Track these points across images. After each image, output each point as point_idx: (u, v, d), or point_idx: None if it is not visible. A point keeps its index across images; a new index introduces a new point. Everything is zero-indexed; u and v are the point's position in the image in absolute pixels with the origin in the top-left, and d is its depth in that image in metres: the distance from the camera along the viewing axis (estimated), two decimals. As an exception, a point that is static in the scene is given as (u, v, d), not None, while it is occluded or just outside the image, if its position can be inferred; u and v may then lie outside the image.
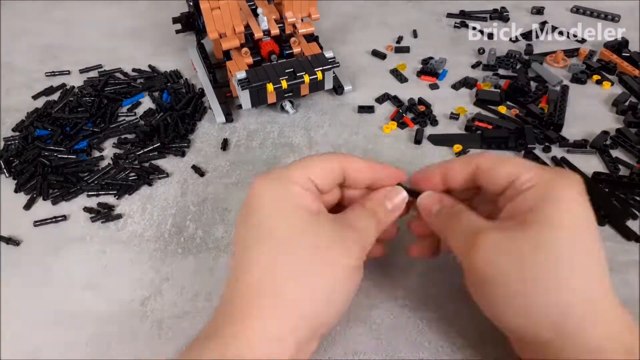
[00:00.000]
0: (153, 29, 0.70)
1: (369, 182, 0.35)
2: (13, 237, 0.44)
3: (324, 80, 0.54)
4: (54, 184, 0.48)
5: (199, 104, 0.57)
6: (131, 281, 0.41)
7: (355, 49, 0.65)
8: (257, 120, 0.55)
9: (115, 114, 0.56)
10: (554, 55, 0.61)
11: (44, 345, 0.37)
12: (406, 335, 0.36)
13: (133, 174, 0.49)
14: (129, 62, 0.64)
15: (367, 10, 0.73)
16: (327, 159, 0.34)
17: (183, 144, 0.52)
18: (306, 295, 0.29)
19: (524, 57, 0.61)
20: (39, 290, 0.40)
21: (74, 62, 0.64)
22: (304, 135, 0.53)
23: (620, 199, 0.45)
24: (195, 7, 0.58)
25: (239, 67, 0.52)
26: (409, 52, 0.64)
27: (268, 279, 0.29)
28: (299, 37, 0.56)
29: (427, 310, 0.38)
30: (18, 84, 0.62)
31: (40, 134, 0.53)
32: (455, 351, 0.35)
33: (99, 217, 0.45)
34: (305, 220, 0.31)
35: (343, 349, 0.36)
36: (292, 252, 0.30)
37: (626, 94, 0.55)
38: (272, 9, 0.57)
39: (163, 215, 0.46)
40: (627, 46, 0.62)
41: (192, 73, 0.61)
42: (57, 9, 0.75)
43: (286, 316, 0.29)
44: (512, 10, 0.70)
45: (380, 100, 0.57)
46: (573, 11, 0.70)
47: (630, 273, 0.40)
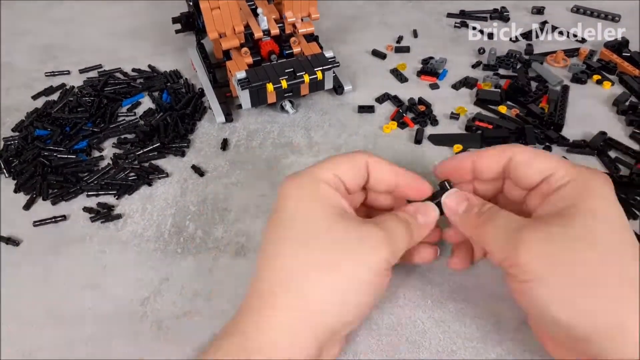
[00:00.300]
0: (153, 29, 0.70)
1: (391, 186, 0.35)
2: (13, 237, 0.44)
3: (324, 80, 0.54)
4: (54, 184, 0.48)
5: (198, 104, 0.57)
6: (131, 281, 0.41)
7: (355, 49, 0.65)
8: (257, 120, 0.55)
9: (115, 114, 0.56)
10: (554, 55, 0.61)
11: (44, 345, 0.37)
12: (406, 335, 0.36)
13: (133, 174, 0.49)
14: (128, 62, 0.64)
15: (367, 10, 0.73)
16: (354, 157, 0.33)
17: (183, 144, 0.52)
18: (327, 290, 0.29)
19: (525, 57, 0.61)
20: (39, 290, 0.40)
21: (74, 62, 0.64)
22: (304, 135, 0.53)
23: (621, 199, 0.45)
24: (195, 7, 0.58)
25: (238, 67, 0.52)
26: (409, 52, 0.64)
27: (288, 273, 0.29)
28: (299, 37, 0.56)
29: (427, 310, 0.38)
30: (18, 84, 0.62)
31: (40, 134, 0.53)
32: (455, 351, 0.35)
33: (98, 217, 0.45)
34: (332, 218, 0.30)
35: (343, 348, 0.36)
36: (316, 247, 0.29)
37: (627, 93, 0.55)
38: (272, 9, 0.57)
39: (163, 215, 0.46)
40: (628, 46, 0.62)
41: (192, 73, 0.61)
42: (57, 8, 0.75)
43: (305, 310, 0.28)
44: (512, 10, 0.70)
45: (380, 100, 0.57)
46: (573, 11, 0.70)
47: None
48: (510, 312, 0.37)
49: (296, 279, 0.29)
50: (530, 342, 0.35)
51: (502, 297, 0.38)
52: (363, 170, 0.33)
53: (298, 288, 0.29)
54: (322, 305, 0.29)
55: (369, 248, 0.30)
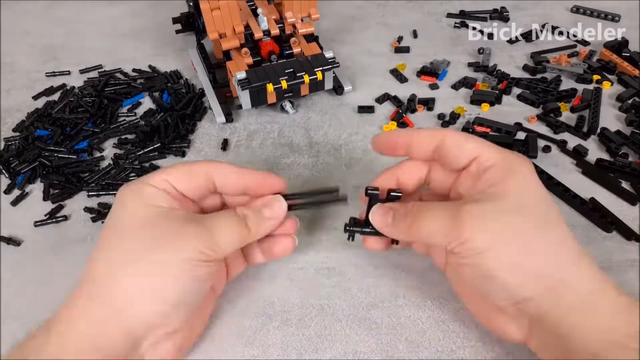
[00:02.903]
0: (153, 29, 0.70)
1: (240, 189, 0.36)
2: (13, 237, 0.44)
3: (324, 80, 0.54)
4: (55, 184, 0.48)
5: (199, 104, 0.57)
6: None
7: (355, 49, 0.65)
8: (257, 121, 0.55)
9: (115, 114, 0.56)
10: (557, 57, 0.61)
11: (45, 345, 0.37)
12: (406, 335, 0.36)
13: (133, 174, 0.49)
14: (129, 62, 0.64)
15: (367, 10, 0.73)
16: (189, 164, 0.35)
17: (183, 144, 0.52)
18: (135, 280, 0.30)
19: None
20: (40, 290, 0.40)
21: (74, 62, 0.64)
22: (304, 135, 0.53)
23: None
24: (195, 8, 0.58)
25: (239, 67, 0.52)
26: (409, 52, 0.64)
27: (100, 267, 0.31)
28: (299, 37, 0.56)
29: (427, 310, 0.38)
30: (19, 84, 0.62)
31: (41, 134, 0.53)
32: (455, 351, 0.35)
33: (99, 217, 0.45)
34: (151, 215, 0.32)
35: (343, 348, 0.36)
36: (128, 243, 0.31)
37: (630, 90, 0.55)
38: (272, 9, 0.57)
39: (163, 215, 0.46)
40: (627, 46, 0.62)
41: (192, 73, 0.61)
42: (57, 9, 0.75)
43: (110, 297, 0.30)
44: (512, 10, 0.70)
45: (380, 100, 0.57)
46: (573, 11, 0.70)
47: (630, 273, 0.40)
48: (510, 312, 0.37)
49: (107, 271, 0.31)
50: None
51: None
52: (201, 178, 0.35)
53: (109, 279, 0.30)
54: (129, 295, 0.30)
55: (182, 241, 0.31)
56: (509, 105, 0.56)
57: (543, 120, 0.53)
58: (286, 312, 0.38)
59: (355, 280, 0.40)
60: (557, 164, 0.49)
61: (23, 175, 0.49)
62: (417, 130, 0.36)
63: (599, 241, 0.42)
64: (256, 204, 0.36)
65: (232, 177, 0.36)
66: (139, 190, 0.33)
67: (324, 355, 0.36)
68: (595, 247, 0.42)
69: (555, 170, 0.48)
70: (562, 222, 0.31)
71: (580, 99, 0.55)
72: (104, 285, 0.30)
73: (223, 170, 0.35)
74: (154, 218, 0.32)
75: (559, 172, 0.48)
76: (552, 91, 0.56)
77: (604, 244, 0.42)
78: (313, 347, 0.36)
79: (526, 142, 0.50)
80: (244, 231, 0.34)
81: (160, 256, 0.31)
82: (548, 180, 0.46)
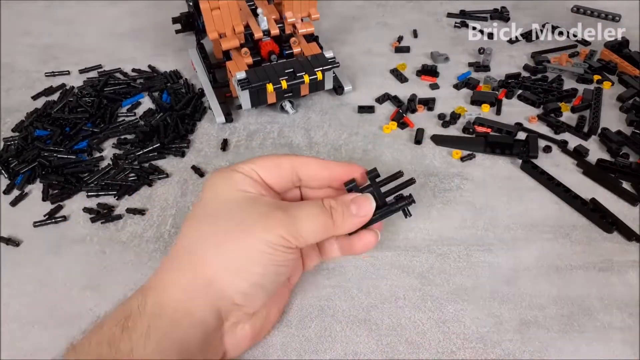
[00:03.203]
0: (153, 29, 0.70)
1: (326, 181, 0.37)
2: (12, 237, 0.44)
3: (324, 80, 0.54)
4: (54, 184, 0.48)
5: (198, 104, 0.57)
6: (131, 281, 0.40)
7: (355, 49, 0.65)
8: (257, 121, 0.55)
9: (115, 114, 0.56)
10: (558, 57, 0.61)
11: (44, 345, 0.37)
12: (406, 336, 0.36)
13: (133, 175, 0.49)
14: (128, 62, 0.64)
15: (367, 10, 0.73)
16: (276, 156, 0.37)
17: (183, 145, 0.52)
18: (221, 257, 0.32)
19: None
20: (40, 290, 0.40)
21: (74, 62, 0.64)
22: (304, 135, 0.53)
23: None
24: (195, 7, 0.58)
25: (238, 67, 0.52)
26: (409, 52, 0.64)
27: (191, 242, 0.33)
28: (299, 37, 0.56)
29: (427, 311, 0.38)
30: (18, 84, 0.62)
31: (40, 134, 0.53)
32: (455, 352, 0.35)
33: (98, 218, 0.45)
34: (239, 200, 0.33)
35: (343, 349, 0.36)
36: (218, 223, 0.33)
37: (630, 90, 0.55)
38: (272, 9, 0.57)
39: (163, 216, 0.46)
40: (628, 46, 0.62)
41: (192, 73, 0.61)
42: (57, 9, 0.75)
43: (201, 273, 0.32)
44: (512, 10, 0.70)
45: (380, 100, 0.57)
46: (573, 11, 0.70)
47: (631, 273, 0.40)
48: (510, 313, 0.37)
49: (197, 247, 0.32)
50: (530, 342, 0.35)
51: (502, 298, 0.38)
52: (287, 171, 0.36)
53: (198, 254, 0.32)
54: (216, 269, 0.32)
55: (265, 225, 0.32)
56: (509, 105, 0.56)
57: (544, 120, 0.53)
58: (286, 313, 0.38)
59: (355, 281, 0.40)
60: (557, 164, 0.49)
61: (22, 176, 0.49)
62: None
63: (600, 242, 0.42)
64: (345, 198, 0.35)
65: (318, 170, 0.36)
66: (229, 175, 0.35)
67: (323, 357, 0.35)
68: (595, 247, 0.42)
69: (556, 171, 0.48)
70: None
71: (580, 99, 0.55)
72: (193, 260, 0.32)
73: (309, 163, 0.36)
74: (242, 202, 0.33)
75: (559, 173, 0.47)
76: (553, 91, 0.56)
77: (604, 245, 0.42)
78: (313, 348, 0.36)
79: (527, 142, 0.50)
80: (328, 223, 0.34)
81: (246, 238, 0.32)
82: (549, 181, 0.46)
